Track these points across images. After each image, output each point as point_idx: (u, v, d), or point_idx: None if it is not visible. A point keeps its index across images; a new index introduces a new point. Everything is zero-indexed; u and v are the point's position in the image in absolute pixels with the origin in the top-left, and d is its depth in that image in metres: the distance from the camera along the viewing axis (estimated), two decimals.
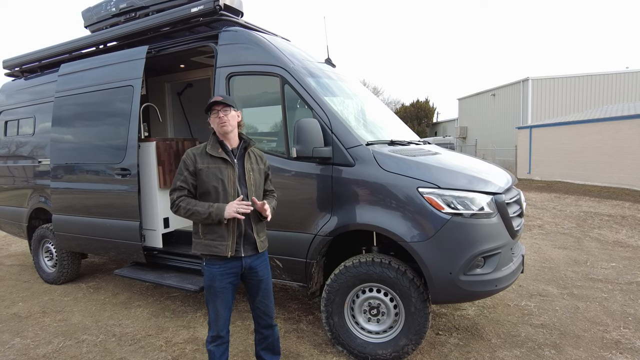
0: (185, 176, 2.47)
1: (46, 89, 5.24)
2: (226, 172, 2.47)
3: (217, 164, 2.47)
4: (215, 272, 2.50)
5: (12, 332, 3.91)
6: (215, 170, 2.46)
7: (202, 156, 2.48)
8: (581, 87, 22.66)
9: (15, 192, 5.74)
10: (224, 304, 2.54)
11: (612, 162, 14.58)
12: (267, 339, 2.77)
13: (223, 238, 2.46)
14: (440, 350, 3.36)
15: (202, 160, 2.47)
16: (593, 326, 3.73)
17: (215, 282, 2.50)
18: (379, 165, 3.06)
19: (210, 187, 2.45)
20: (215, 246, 2.47)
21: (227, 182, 2.46)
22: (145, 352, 3.42)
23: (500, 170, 3.60)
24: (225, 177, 2.46)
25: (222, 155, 2.48)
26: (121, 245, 4.42)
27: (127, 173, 4.20)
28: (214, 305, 2.54)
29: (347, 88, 4.12)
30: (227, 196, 2.45)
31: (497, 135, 25.14)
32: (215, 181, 2.45)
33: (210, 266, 2.51)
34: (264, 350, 2.80)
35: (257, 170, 2.60)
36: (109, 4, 4.87)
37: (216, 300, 2.52)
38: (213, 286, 2.51)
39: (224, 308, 2.55)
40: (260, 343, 2.78)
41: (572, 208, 10.18)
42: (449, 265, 2.86)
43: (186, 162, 2.48)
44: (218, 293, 2.51)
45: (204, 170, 2.46)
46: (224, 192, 2.45)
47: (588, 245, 6.57)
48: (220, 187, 2.45)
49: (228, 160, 2.49)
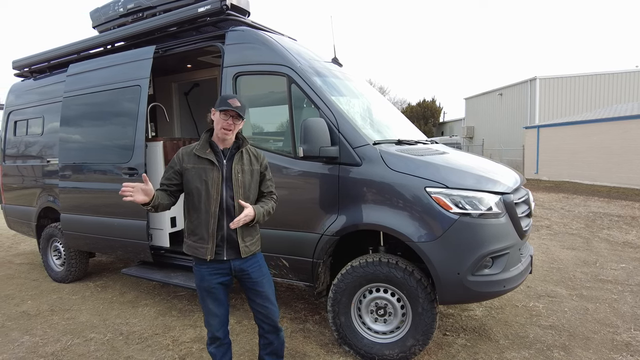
0: (169, 175, 2.46)
1: (55, 89, 5.29)
2: (211, 173, 2.40)
3: (203, 165, 2.41)
4: (203, 272, 2.47)
5: (22, 329, 3.95)
6: (200, 171, 2.41)
7: (190, 156, 2.45)
8: (589, 86, 22.43)
9: (24, 192, 5.80)
10: (215, 302, 2.50)
11: (621, 162, 14.42)
12: (272, 344, 2.66)
13: (203, 241, 2.42)
14: (448, 351, 3.34)
15: (189, 159, 2.44)
16: (603, 328, 3.68)
17: (204, 282, 2.47)
18: (386, 164, 3.05)
19: (193, 187, 2.41)
20: (196, 248, 2.44)
21: (211, 184, 2.39)
22: (152, 351, 3.44)
23: (509, 170, 3.57)
24: (209, 179, 2.40)
25: (209, 156, 2.42)
26: (128, 245, 4.45)
27: (134, 173, 4.22)
28: (205, 305, 2.51)
29: (354, 87, 4.11)
30: (209, 198, 2.39)
31: (504, 135, 24.97)
32: (199, 182, 2.40)
33: (199, 266, 2.49)
34: (269, 355, 2.70)
35: (249, 171, 2.50)
36: (117, 4, 4.90)
37: (207, 300, 2.50)
38: (203, 286, 2.49)
39: (217, 307, 2.51)
40: (265, 348, 2.69)
41: (581, 208, 10.08)
42: (457, 265, 2.84)
43: (174, 160, 2.48)
44: (208, 293, 2.48)
45: (189, 170, 2.42)
46: (206, 193, 2.39)
47: (597, 246, 6.50)
48: (203, 188, 2.39)
49: (214, 161, 2.42)
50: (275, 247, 3.50)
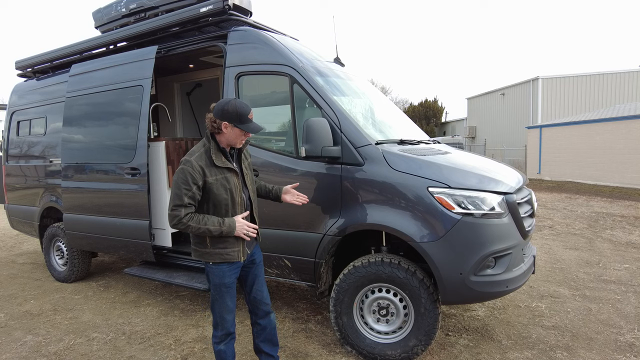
0: (194, 192, 2.35)
1: (57, 89, 5.30)
2: (232, 180, 2.48)
3: (224, 174, 2.45)
4: (225, 269, 2.53)
5: (25, 329, 3.96)
6: (223, 181, 2.44)
7: (209, 168, 2.40)
8: (592, 86, 22.35)
9: (27, 192, 5.82)
10: (233, 298, 2.61)
11: (624, 162, 14.37)
12: (265, 329, 2.80)
13: (233, 245, 2.50)
14: (450, 351, 3.33)
15: (210, 172, 2.40)
16: (606, 328, 3.67)
17: (225, 279, 2.53)
18: (388, 164, 3.04)
19: (220, 199, 2.43)
20: (227, 254, 2.50)
21: (235, 191, 2.48)
22: (154, 351, 3.44)
23: (511, 170, 3.56)
24: (232, 186, 2.47)
25: (226, 164, 2.47)
26: (131, 244, 4.46)
27: (136, 172, 4.23)
28: (224, 303, 2.56)
29: (356, 87, 4.10)
30: (235, 205, 2.48)
31: (506, 135, 24.92)
32: (225, 192, 2.44)
33: (219, 265, 2.52)
34: (263, 342, 2.83)
35: (249, 166, 2.68)
36: (119, 4, 4.91)
37: (226, 297, 2.56)
38: (224, 283, 2.53)
39: (233, 301, 2.61)
40: (259, 335, 2.82)
41: (584, 208, 10.05)
42: (460, 265, 2.83)
43: (194, 175, 2.33)
44: (228, 289, 2.56)
45: (213, 184, 2.40)
46: (232, 201, 2.47)
47: (600, 246, 6.47)
48: (229, 197, 2.46)
49: (233, 168, 2.50)
50: (277, 247, 3.50)
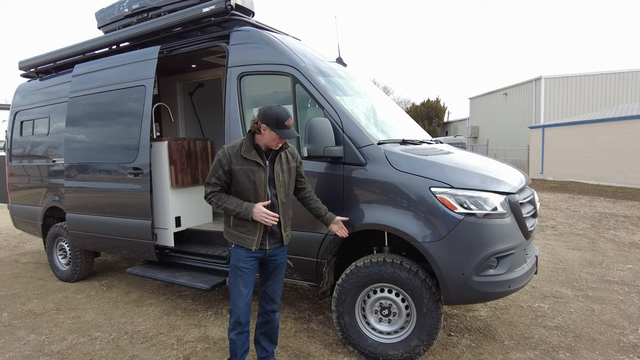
0: (220, 174, 2.65)
1: (60, 89, 5.32)
2: (258, 174, 2.63)
3: (250, 166, 2.63)
4: (242, 253, 2.70)
5: (28, 328, 3.98)
6: (249, 172, 2.63)
7: (237, 157, 2.63)
8: (595, 85, 22.28)
9: (30, 191, 5.84)
10: (246, 284, 2.71)
11: (627, 162, 14.32)
12: (268, 323, 2.93)
13: (251, 233, 2.67)
14: (452, 352, 3.33)
15: (237, 161, 2.63)
16: (609, 329, 3.66)
17: (240, 262, 2.69)
18: (390, 164, 3.04)
19: (244, 187, 2.64)
20: (243, 238, 2.69)
21: (259, 184, 2.64)
22: (157, 350, 3.45)
23: (514, 170, 3.55)
24: (257, 179, 2.63)
25: (255, 158, 2.63)
26: (133, 244, 4.47)
27: (139, 172, 4.23)
28: (236, 286, 2.71)
29: (358, 87, 4.10)
30: (257, 197, 2.65)
31: (509, 134, 24.87)
32: (248, 182, 2.63)
33: (238, 248, 2.71)
34: (263, 335, 2.96)
35: (287, 170, 2.76)
36: (122, 4, 4.92)
37: (239, 280, 2.70)
38: (239, 266, 2.70)
39: (246, 288, 2.71)
40: (262, 327, 2.95)
41: (586, 209, 10.01)
42: (462, 265, 2.83)
43: (222, 161, 2.64)
44: (242, 273, 2.70)
45: (238, 172, 2.63)
46: (254, 192, 2.65)
47: (603, 247, 6.45)
48: (252, 188, 2.64)
49: (260, 163, 2.64)
50: None
